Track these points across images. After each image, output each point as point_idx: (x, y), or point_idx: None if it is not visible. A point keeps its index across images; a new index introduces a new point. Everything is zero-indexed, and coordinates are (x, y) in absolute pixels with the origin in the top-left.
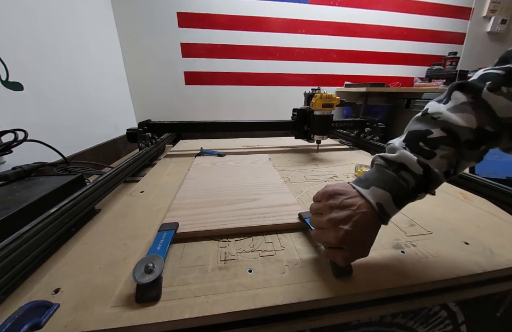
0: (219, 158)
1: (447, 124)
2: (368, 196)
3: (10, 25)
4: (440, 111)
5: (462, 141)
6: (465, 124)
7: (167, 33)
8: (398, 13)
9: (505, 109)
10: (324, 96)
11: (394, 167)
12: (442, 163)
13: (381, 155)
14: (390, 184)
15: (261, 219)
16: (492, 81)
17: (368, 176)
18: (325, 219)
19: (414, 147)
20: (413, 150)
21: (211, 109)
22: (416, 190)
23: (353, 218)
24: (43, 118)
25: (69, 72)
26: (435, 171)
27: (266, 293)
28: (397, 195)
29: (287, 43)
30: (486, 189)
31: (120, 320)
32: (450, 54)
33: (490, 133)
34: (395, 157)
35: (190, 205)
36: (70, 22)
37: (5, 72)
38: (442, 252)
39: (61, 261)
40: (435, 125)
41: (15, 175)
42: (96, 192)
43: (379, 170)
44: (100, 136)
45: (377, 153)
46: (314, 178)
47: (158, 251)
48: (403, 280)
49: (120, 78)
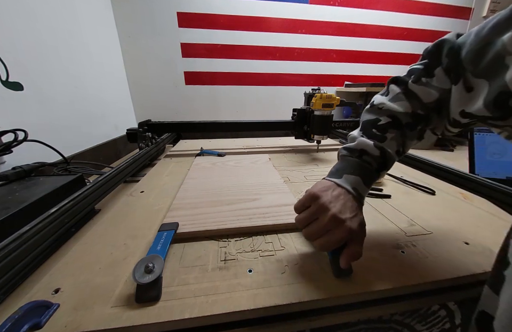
0: (219, 158)
1: (391, 112)
2: (344, 184)
3: (10, 25)
4: (383, 101)
5: (404, 123)
6: (403, 110)
7: (167, 33)
8: (398, 13)
9: (427, 95)
10: (324, 96)
11: (357, 154)
12: (392, 144)
13: (344, 146)
14: (357, 169)
15: (261, 219)
16: (414, 75)
17: (338, 167)
18: (327, 218)
19: (369, 133)
20: (368, 136)
21: (211, 109)
22: (378, 169)
23: (347, 205)
24: (43, 118)
25: (69, 72)
26: (388, 151)
27: (266, 293)
28: (365, 177)
29: (287, 43)
30: (486, 189)
31: (120, 320)
32: None
33: (422, 115)
34: (355, 145)
35: (190, 205)
36: (70, 22)
37: (5, 72)
38: (442, 252)
39: (61, 261)
40: (381, 113)
41: (15, 175)
42: (96, 192)
43: (345, 160)
44: (100, 136)
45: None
46: (314, 178)
47: (158, 251)
48: (403, 280)
49: (120, 78)
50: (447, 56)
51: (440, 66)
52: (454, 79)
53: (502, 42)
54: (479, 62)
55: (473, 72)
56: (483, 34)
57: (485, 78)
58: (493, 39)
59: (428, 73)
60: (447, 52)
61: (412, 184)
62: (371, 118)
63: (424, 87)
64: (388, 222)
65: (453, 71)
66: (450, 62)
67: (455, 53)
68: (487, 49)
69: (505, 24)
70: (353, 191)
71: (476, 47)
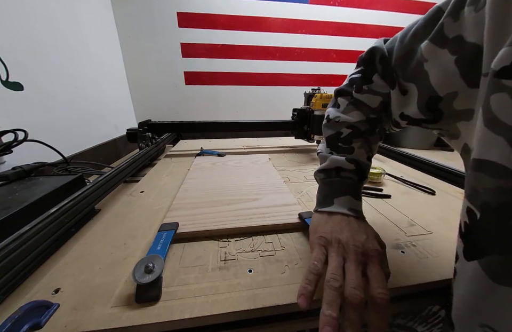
0: (219, 158)
1: (348, 123)
2: (339, 209)
3: (10, 25)
4: (338, 115)
5: (363, 131)
6: (358, 119)
7: (167, 33)
8: (398, 13)
9: (372, 100)
10: (324, 96)
11: (334, 173)
12: (361, 152)
13: (318, 169)
14: (342, 188)
15: (261, 219)
16: (356, 84)
17: (323, 194)
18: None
19: (336, 148)
20: (337, 152)
21: (211, 109)
22: (359, 180)
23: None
24: (43, 118)
25: (69, 72)
26: (360, 160)
27: (266, 293)
28: (353, 193)
29: (287, 43)
30: None
31: (120, 320)
32: None
33: (375, 119)
34: (328, 164)
35: (190, 205)
36: (70, 22)
37: (5, 72)
38: (442, 252)
39: (61, 261)
40: (340, 126)
41: (15, 175)
42: (96, 192)
43: (327, 183)
44: (100, 136)
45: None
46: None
47: (158, 251)
48: (403, 280)
49: (120, 78)
50: (380, 63)
51: (376, 72)
52: (390, 84)
53: (420, 49)
54: (406, 67)
55: (403, 77)
56: (405, 43)
57: (413, 82)
58: (414, 46)
59: (367, 80)
60: (379, 59)
61: (412, 184)
62: (333, 133)
63: (367, 94)
64: (388, 222)
65: (388, 76)
66: (383, 68)
67: (386, 60)
68: (411, 55)
69: (422, 32)
70: (350, 213)
71: (401, 54)
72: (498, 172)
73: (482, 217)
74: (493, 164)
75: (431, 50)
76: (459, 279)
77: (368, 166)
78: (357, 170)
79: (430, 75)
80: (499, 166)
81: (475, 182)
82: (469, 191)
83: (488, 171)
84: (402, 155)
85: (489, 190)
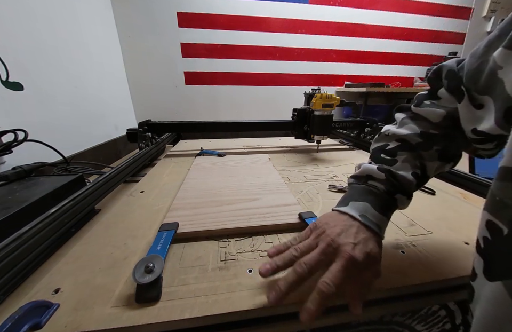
0: (219, 158)
1: (397, 135)
2: (350, 211)
3: (10, 25)
4: (389, 128)
5: (414, 144)
6: (409, 132)
7: (167, 33)
8: (398, 13)
9: (433, 114)
10: (324, 96)
11: (363, 180)
12: (405, 166)
13: (351, 175)
14: (363, 195)
15: (261, 219)
16: (417, 99)
17: (345, 196)
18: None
19: (377, 158)
20: (376, 162)
21: (211, 109)
22: (390, 193)
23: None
24: (43, 118)
25: (69, 72)
26: (399, 173)
27: (266, 293)
28: (373, 202)
29: (287, 43)
30: (486, 189)
31: (120, 320)
32: (450, 54)
33: (435, 135)
34: (360, 171)
35: (190, 205)
36: (70, 22)
37: (5, 72)
38: (442, 252)
39: (61, 261)
40: (389, 139)
41: (15, 175)
42: (96, 192)
43: (352, 188)
44: (100, 136)
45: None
46: (314, 178)
47: (158, 251)
48: (403, 280)
49: (120, 78)
50: (446, 78)
51: (442, 87)
52: (458, 98)
53: (493, 58)
54: (478, 79)
55: (476, 90)
56: (478, 54)
57: (487, 94)
58: (487, 57)
59: (432, 96)
60: (446, 74)
61: None
62: (379, 144)
63: (428, 108)
64: None
65: (455, 90)
66: (450, 82)
67: (454, 73)
68: (483, 67)
69: (496, 42)
70: (359, 218)
71: (472, 67)
72: None
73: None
74: None
75: (505, 56)
76: (478, 300)
77: (410, 183)
78: (387, 181)
79: (506, 83)
80: None
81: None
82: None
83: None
84: None
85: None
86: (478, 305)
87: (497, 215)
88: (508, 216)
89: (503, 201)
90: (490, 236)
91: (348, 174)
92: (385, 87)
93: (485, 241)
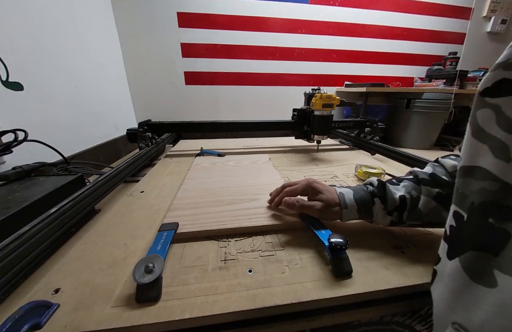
0: (219, 158)
1: (415, 172)
2: (337, 189)
3: (10, 26)
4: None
5: (419, 178)
6: (423, 170)
7: (167, 33)
8: (398, 13)
9: (448, 163)
10: (324, 96)
11: (365, 184)
12: (399, 188)
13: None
14: (356, 189)
15: (261, 219)
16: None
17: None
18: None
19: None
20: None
21: (211, 109)
22: (373, 195)
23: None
24: (43, 118)
25: (69, 72)
26: (389, 186)
27: (266, 293)
28: (356, 194)
29: (287, 43)
30: None
31: (120, 320)
32: (451, 54)
33: (445, 181)
34: (368, 180)
35: (190, 205)
36: (70, 22)
37: (5, 72)
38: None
39: (61, 261)
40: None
41: (15, 175)
42: (96, 192)
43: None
44: (100, 136)
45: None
46: (314, 177)
47: (158, 251)
48: (403, 280)
49: (120, 78)
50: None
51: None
52: None
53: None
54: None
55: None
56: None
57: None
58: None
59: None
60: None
61: None
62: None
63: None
64: None
65: None
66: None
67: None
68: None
69: None
70: (339, 195)
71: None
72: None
73: (469, 217)
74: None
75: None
76: (439, 279)
77: (393, 200)
78: (377, 187)
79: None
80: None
81: (464, 187)
82: (456, 196)
83: (476, 175)
84: (402, 155)
85: (475, 192)
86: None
87: (460, 205)
88: (467, 204)
89: (464, 193)
90: (455, 223)
91: (347, 174)
92: (385, 87)
93: (451, 229)
